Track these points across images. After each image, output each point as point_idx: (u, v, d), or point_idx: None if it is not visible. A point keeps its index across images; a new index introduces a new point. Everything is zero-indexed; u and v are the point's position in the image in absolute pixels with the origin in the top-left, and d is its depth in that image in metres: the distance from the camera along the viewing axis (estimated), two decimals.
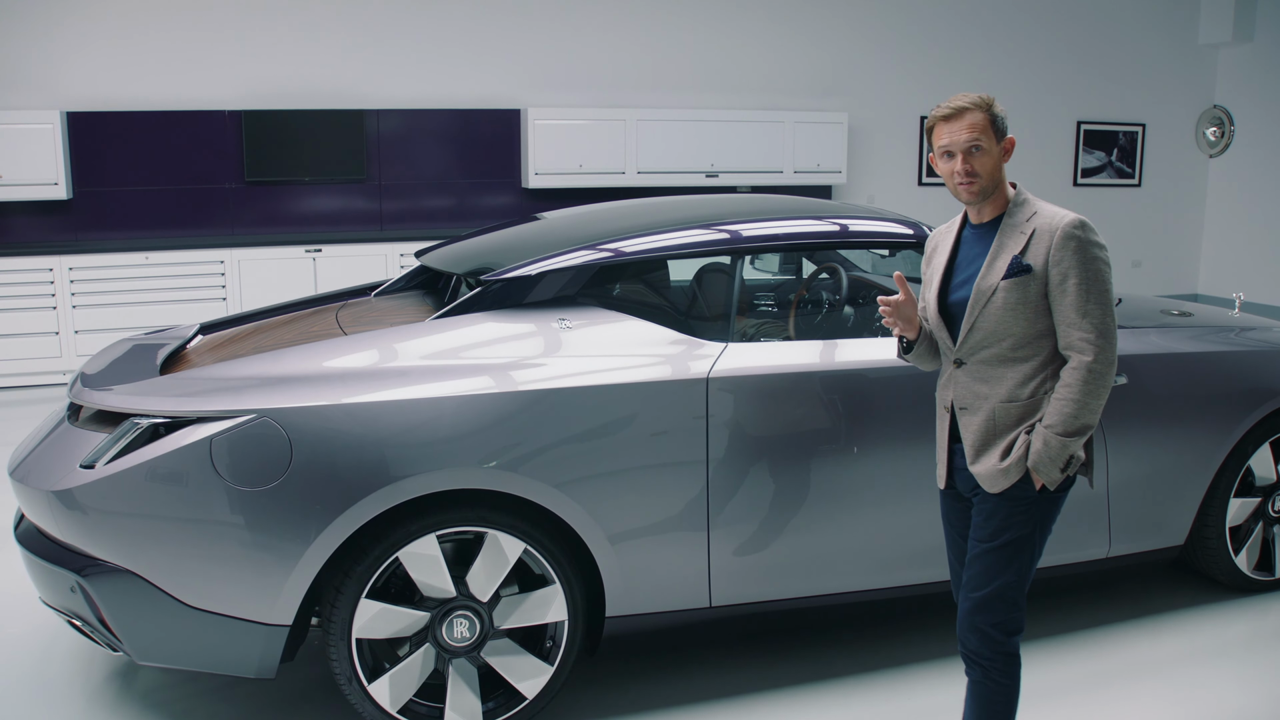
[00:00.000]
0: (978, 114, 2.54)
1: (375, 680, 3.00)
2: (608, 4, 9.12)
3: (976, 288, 2.58)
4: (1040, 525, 2.59)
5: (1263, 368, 4.02)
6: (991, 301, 2.55)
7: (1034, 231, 2.53)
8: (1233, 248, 11.31)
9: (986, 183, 2.56)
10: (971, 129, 2.53)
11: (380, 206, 8.65)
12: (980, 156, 2.53)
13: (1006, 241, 2.56)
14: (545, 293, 3.32)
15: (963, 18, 10.25)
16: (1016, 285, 2.52)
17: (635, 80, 9.30)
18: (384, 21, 8.47)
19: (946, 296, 2.68)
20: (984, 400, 2.59)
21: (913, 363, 2.85)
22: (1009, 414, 2.57)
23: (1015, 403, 2.56)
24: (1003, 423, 2.57)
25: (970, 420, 2.62)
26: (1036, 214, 2.56)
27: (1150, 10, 10.96)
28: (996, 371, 2.58)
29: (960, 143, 2.53)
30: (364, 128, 8.42)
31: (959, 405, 2.65)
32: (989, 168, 2.55)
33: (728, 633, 3.67)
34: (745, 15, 9.54)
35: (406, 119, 8.63)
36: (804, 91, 9.82)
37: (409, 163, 8.68)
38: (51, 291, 7.35)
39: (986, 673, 2.63)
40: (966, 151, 2.53)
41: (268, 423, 2.86)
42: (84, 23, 7.72)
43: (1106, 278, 2.50)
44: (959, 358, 2.64)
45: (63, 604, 3.05)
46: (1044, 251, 2.50)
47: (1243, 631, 3.92)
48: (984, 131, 2.53)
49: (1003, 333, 2.55)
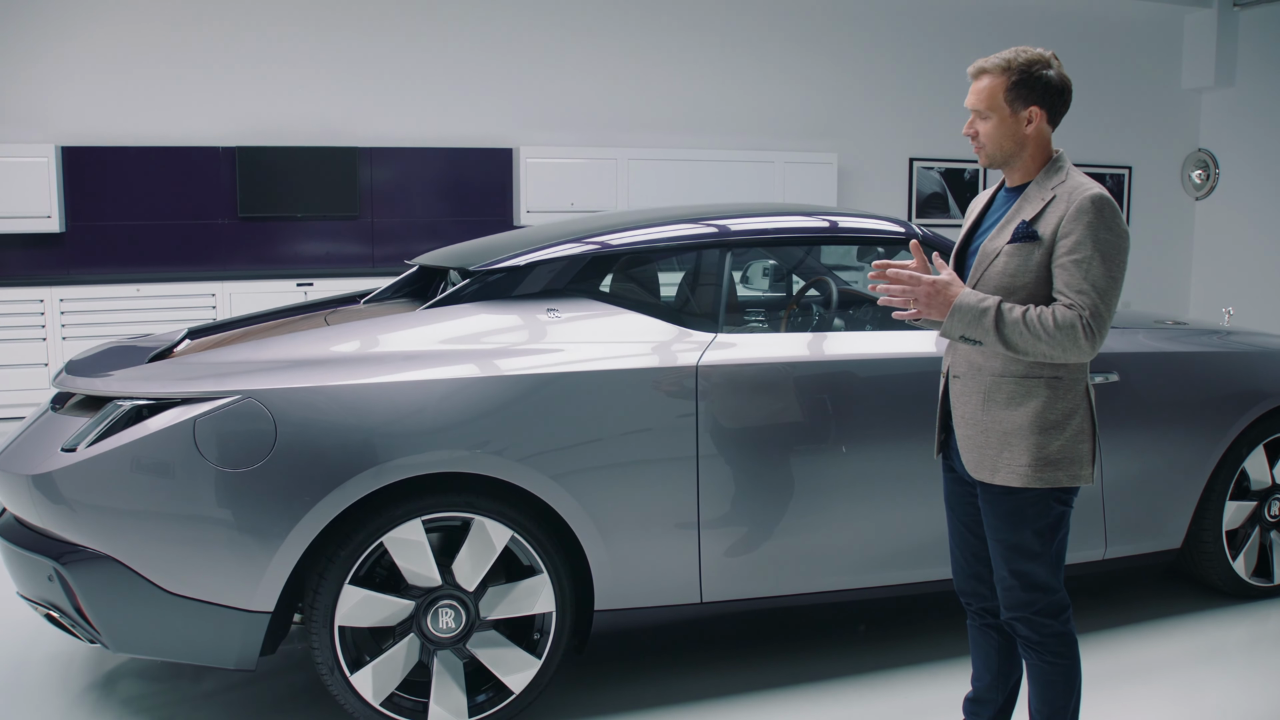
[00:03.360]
0: (991, 80, 2.46)
1: (358, 671, 2.93)
2: (599, 45, 9.25)
3: (983, 248, 2.51)
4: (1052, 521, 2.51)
5: (1254, 369, 4.01)
6: (994, 264, 2.47)
7: (1053, 198, 2.42)
8: (1221, 288, 11.36)
9: (992, 149, 2.49)
10: (978, 95, 2.47)
11: (372, 243, 8.68)
12: (982, 124, 2.48)
13: (1024, 206, 2.48)
14: (535, 284, 3.31)
15: (951, 61, 10.39)
16: (1019, 250, 2.43)
17: (626, 120, 9.39)
18: (378, 61, 8.57)
19: (965, 258, 2.62)
20: (978, 372, 2.51)
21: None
22: (1000, 389, 2.47)
23: (1008, 378, 2.46)
24: (995, 398, 2.48)
25: (961, 389, 2.56)
26: (1064, 183, 2.44)
27: (1135, 56, 11.14)
28: None
29: (969, 105, 2.50)
30: (357, 165, 8.47)
31: (954, 373, 2.58)
32: (993, 135, 2.47)
33: (720, 633, 3.61)
34: (735, 57, 9.67)
35: (399, 157, 8.69)
36: (794, 132, 9.92)
37: (401, 200, 8.73)
38: (42, 323, 7.33)
39: (1041, 655, 2.56)
40: (973, 118, 2.50)
41: (252, 403, 2.83)
42: (80, 58, 7.80)
43: (1115, 258, 2.35)
44: None
45: (40, 595, 2.99)
46: (1056, 220, 2.39)
47: (1244, 635, 3.86)
48: (993, 98, 2.45)
49: (1001, 297, 2.45)
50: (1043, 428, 2.45)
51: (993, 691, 2.83)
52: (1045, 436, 2.45)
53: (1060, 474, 2.46)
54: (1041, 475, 2.45)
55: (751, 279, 4.52)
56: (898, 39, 10.21)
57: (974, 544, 2.73)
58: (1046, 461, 2.45)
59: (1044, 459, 2.45)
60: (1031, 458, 2.45)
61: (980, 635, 2.82)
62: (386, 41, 8.57)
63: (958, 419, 2.57)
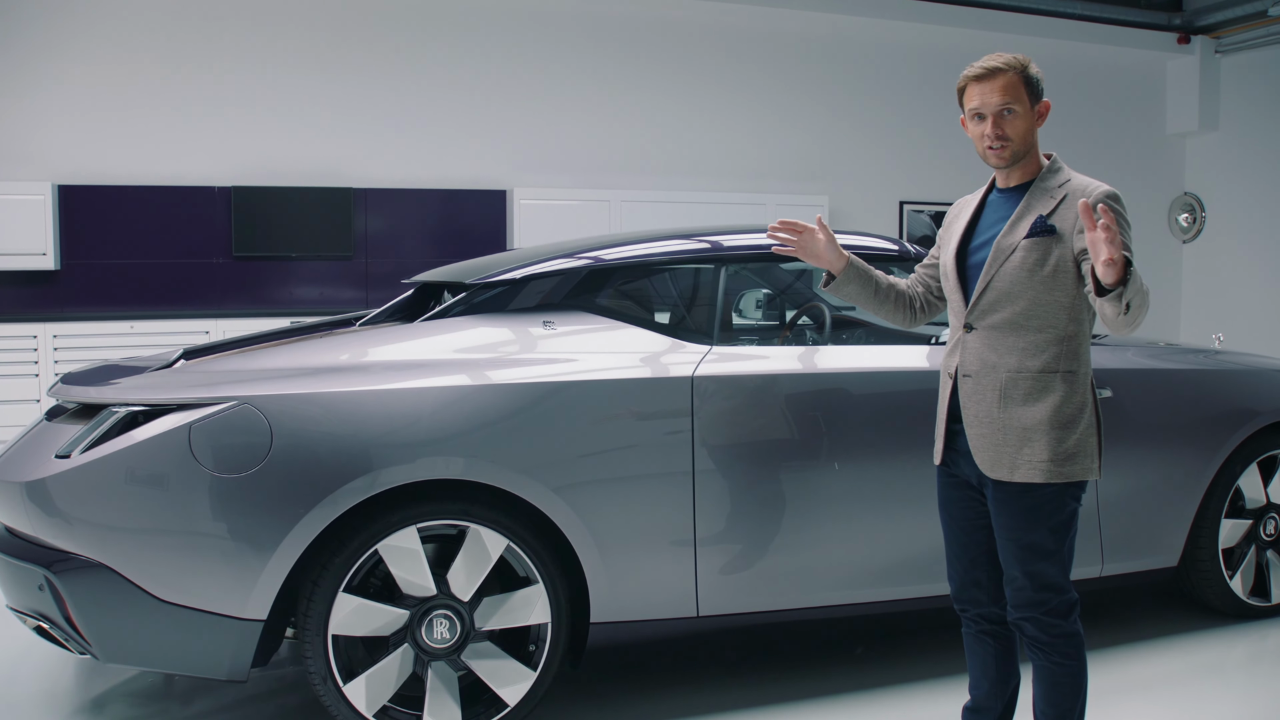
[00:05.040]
0: (1011, 75, 2.46)
1: (351, 681, 2.90)
2: (592, 88, 9.36)
3: (996, 245, 2.51)
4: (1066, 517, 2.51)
5: (1245, 387, 4.03)
6: (1010, 260, 2.48)
7: (1065, 196, 2.44)
8: (1210, 329, 11.38)
9: (1018, 146, 2.49)
10: (1004, 91, 2.46)
11: (367, 284, 8.71)
12: (1012, 120, 2.47)
13: (1034, 203, 2.49)
14: (530, 298, 3.33)
15: (940, 107, 10.52)
16: (1038, 245, 2.45)
17: (619, 162, 9.49)
18: (373, 103, 8.66)
19: (966, 258, 2.61)
20: (992, 370, 2.51)
21: (832, 294, 2.84)
22: (1017, 386, 2.47)
23: (1024, 374, 2.47)
24: (1012, 395, 2.48)
25: (973, 388, 2.54)
26: (1070, 181, 2.48)
27: (1120, 102, 11.31)
28: (1007, 340, 2.49)
29: (992, 105, 2.47)
30: (352, 206, 8.52)
31: (963, 371, 2.57)
32: (1020, 131, 2.48)
33: (717, 648, 3.58)
34: (728, 100, 9.80)
35: (394, 198, 8.75)
36: (786, 175, 10.02)
37: (396, 241, 8.77)
38: (35, 359, 7.33)
39: (1050, 656, 2.55)
40: (998, 114, 2.47)
41: (248, 409, 2.83)
42: (77, 97, 7.86)
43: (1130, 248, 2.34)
44: (969, 321, 2.56)
45: (29, 605, 2.96)
46: (1073, 216, 2.41)
47: (1244, 653, 3.85)
48: (1017, 94, 2.46)
49: (1016, 294, 2.47)
50: (1061, 423, 2.47)
51: (991, 699, 2.81)
52: (1064, 431, 2.47)
53: (1076, 468, 2.49)
54: (1061, 469, 2.47)
55: (745, 310, 4.55)
56: (888, 85, 10.36)
57: (972, 549, 2.72)
58: (1065, 456, 2.47)
59: (1063, 453, 2.47)
60: (1051, 453, 2.46)
61: (976, 643, 2.80)
62: (382, 83, 8.67)
63: (969, 419, 2.56)
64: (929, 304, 2.89)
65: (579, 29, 9.28)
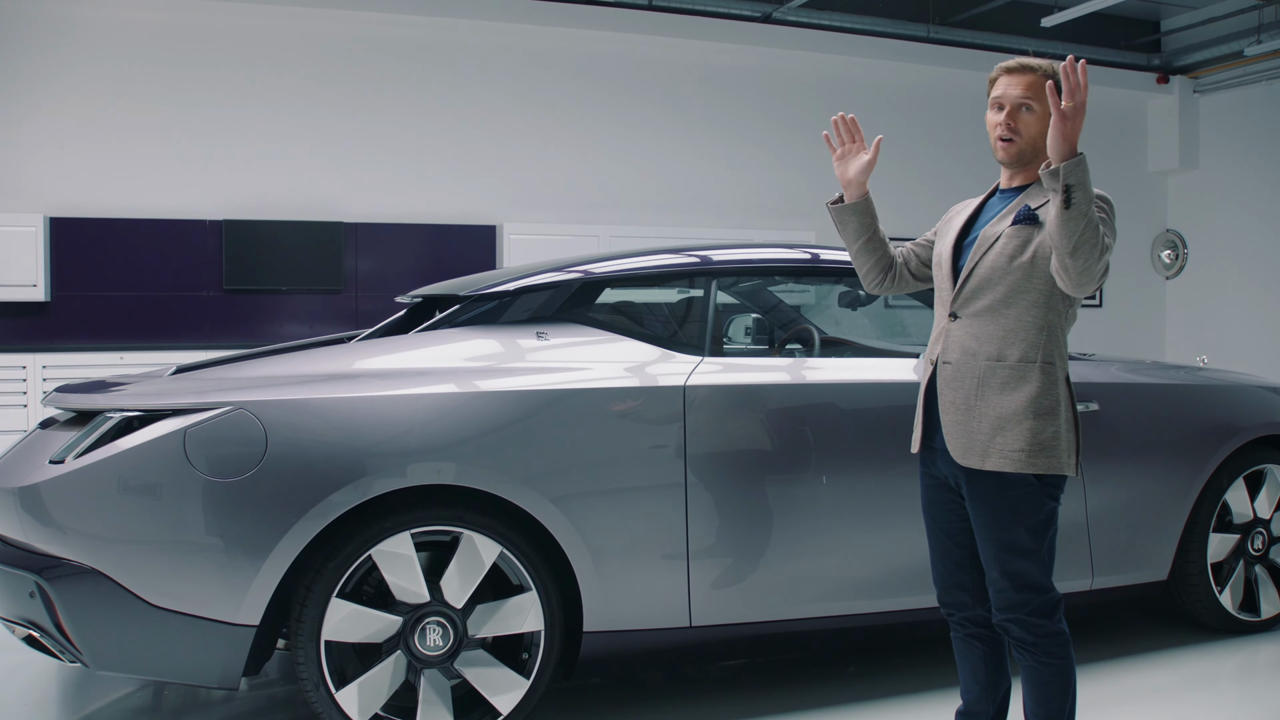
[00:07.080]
0: (1039, 77, 2.52)
1: (343, 688, 2.89)
2: (582, 124, 9.47)
3: (983, 233, 2.58)
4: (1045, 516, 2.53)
5: (1229, 403, 4.08)
6: (993, 247, 2.54)
7: None
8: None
9: (1025, 146, 2.55)
10: (1028, 87, 2.52)
11: (356, 318, 8.73)
12: (1027, 117, 2.53)
13: (1028, 200, 2.56)
14: (524, 310, 3.36)
15: (925, 144, 10.69)
16: (1019, 233, 2.51)
17: (608, 198, 9.58)
18: (364, 138, 8.74)
19: (961, 250, 2.66)
20: (972, 358, 2.54)
21: (834, 217, 2.82)
22: (995, 374, 2.50)
23: (1003, 363, 2.50)
24: (989, 384, 2.50)
25: (952, 374, 2.57)
26: None
27: (1102, 140, 11.47)
28: (987, 328, 2.53)
29: (1012, 96, 2.54)
30: (342, 240, 8.57)
31: (944, 359, 2.60)
32: (1032, 132, 2.54)
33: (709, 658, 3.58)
34: (716, 136, 9.92)
35: (384, 233, 8.80)
36: (772, 210, 10.12)
37: (386, 275, 8.81)
38: (24, 390, 7.31)
39: (1036, 656, 2.55)
40: (1015, 107, 2.53)
41: (244, 414, 2.84)
42: (70, 130, 7.92)
43: (1111, 228, 2.41)
44: (954, 310, 2.60)
45: (19, 614, 2.94)
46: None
47: (1236, 666, 3.86)
48: (1038, 94, 2.51)
49: (996, 280, 2.51)
50: (1038, 413, 2.49)
51: (983, 703, 2.81)
52: (1040, 422, 2.49)
53: (1051, 460, 2.50)
54: (1034, 460, 2.48)
55: (734, 336, 4.59)
56: (873, 123, 10.38)
57: (955, 552, 2.73)
58: (1040, 446, 2.49)
59: (1038, 444, 2.49)
60: (1026, 442, 2.48)
61: (965, 647, 2.81)
62: (373, 119, 8.76)
63: (945, 405, 2.59)
64: (902, 276, 2.89)
65: (569, 67, 9.41)
